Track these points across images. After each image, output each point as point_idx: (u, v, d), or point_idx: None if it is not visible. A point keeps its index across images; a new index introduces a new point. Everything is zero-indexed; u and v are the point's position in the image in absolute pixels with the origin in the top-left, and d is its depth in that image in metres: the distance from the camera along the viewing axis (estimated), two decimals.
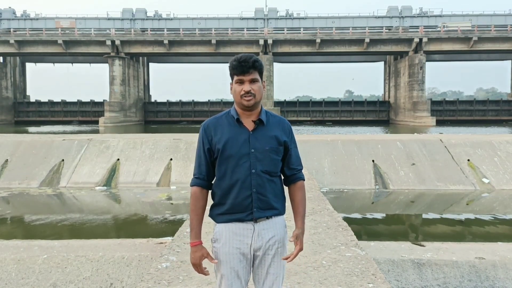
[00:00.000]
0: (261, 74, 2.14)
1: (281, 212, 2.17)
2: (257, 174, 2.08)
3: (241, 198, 2.08)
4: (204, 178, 2.15)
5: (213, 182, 2.19)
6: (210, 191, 2.20)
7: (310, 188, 7.47)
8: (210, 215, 2.19)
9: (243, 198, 2.08)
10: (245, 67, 2.07)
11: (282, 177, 2.25)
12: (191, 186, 2.18)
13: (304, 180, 2.26)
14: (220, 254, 2.11)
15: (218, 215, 2.14)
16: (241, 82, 2.09)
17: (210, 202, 2.22)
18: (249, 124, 2.12)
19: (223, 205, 2.11)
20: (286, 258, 2.13)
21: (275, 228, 2.13)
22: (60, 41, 43.35)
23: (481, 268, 4.62)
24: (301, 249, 2.16)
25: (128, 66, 45.44)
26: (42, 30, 46.41)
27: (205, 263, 2.15)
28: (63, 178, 11.41)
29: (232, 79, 2.13)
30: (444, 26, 45.13)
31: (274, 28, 48.78)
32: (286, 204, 2.22)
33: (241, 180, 2.07)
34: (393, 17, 50.45)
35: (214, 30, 45.93)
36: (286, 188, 2.26)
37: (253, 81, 2.09)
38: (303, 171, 2.29)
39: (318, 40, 43.06)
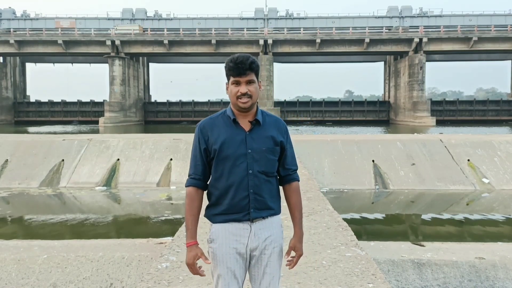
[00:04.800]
0: (257, 75, 2.11)
1: (277, 212, 2.17)
2: (254, 174, 2.07)
3: (238, 199, 2.07)
4: (200, 178, 2.14)
5: (208, 182, 2.17)
6: (205, 192, 2.19)
7: (310, 188, 7.46)
8: (206, 215, 2.17)
9: (240, 198, 2.07)
10: (241, 69, 2.04)
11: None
12: (186, 186, 2.16)
13: (298, 181, 2.25)
14: (216, 254, 2.09)
15: (215, 215, 2.13)
16: (237, 83, 2.07)
17: (205, 202, 2.21)
18: (245, 124, 2.11)
19: (220, 205, 2.10)
20: (289, 265, 2.19)
21: (271, 227, 2.13)
22: (60, 41, 43.36)
23: (481, 268, 4.62)
24: (301, 255, 2.21)
25: (128, 66, 45.44)
26: (42, 30, 46.45)
27: (202, 263, 2.15)
28: (63, 178, 11.40)
29: (228, 79, 2.11)
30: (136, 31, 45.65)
31: (274, 28, 48.80)
32: (282, 204, 2.22)
33: (238, 181, 2.06)
34: (393, 17, 50.47)
35: (214, 30, 45.94)
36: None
37: (249, 82, 2.07)
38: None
39: (318, 40, 43.06)
